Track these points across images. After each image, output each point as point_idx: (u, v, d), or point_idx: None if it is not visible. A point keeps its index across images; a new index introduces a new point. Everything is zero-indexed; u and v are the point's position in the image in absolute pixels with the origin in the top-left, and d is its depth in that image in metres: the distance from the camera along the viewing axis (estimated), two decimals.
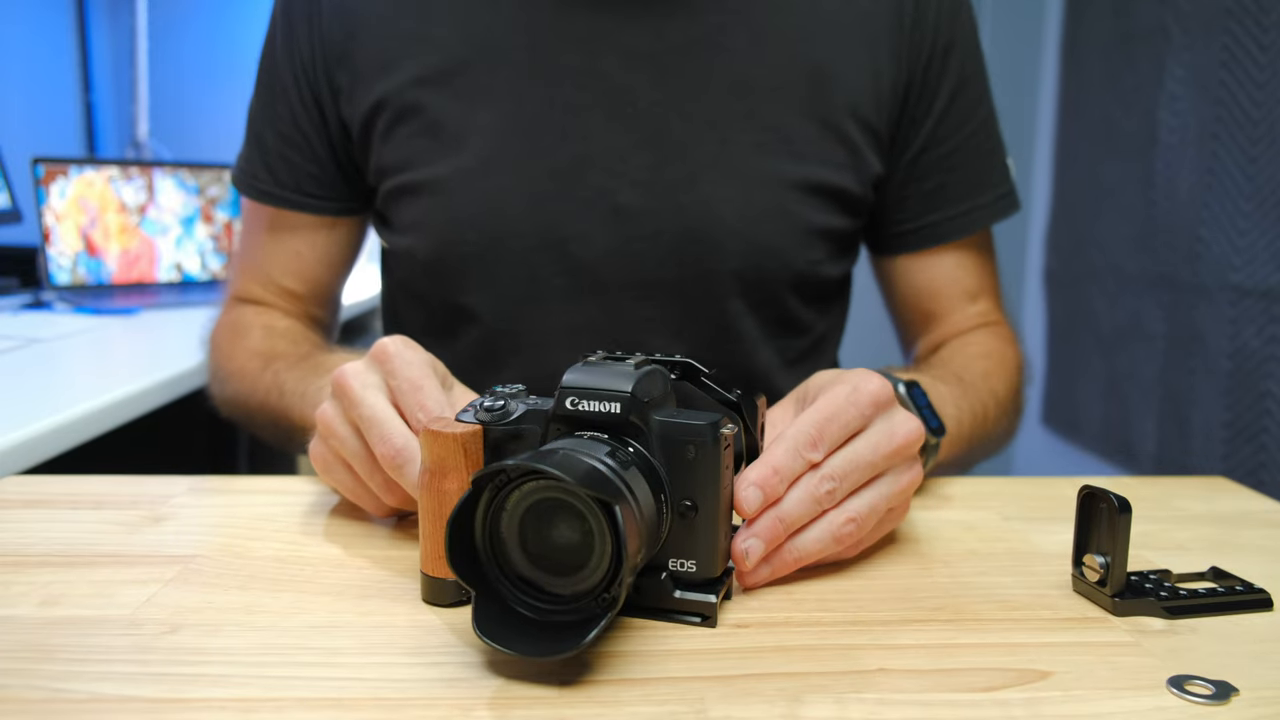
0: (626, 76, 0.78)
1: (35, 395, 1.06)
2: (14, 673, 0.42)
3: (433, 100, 0.79)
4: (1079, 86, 2.19)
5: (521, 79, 0.78)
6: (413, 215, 0.81)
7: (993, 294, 0.91)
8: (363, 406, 0.55)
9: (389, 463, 0.54)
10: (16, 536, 0.58)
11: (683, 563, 0.48)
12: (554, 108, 0.78)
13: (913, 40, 0.82)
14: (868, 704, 0.41)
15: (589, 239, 0.79)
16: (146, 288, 1.86)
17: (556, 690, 0.41)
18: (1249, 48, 1.57)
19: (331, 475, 0.60)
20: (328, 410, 0.58)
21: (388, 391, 0.56)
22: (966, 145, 0.86)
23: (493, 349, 0.82)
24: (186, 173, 1.94)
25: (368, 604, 0.49)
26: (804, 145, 0.79)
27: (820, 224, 0.81)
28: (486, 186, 0.78)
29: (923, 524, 0.63)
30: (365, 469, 0.57)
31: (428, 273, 0.82)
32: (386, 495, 0.57)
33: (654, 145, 0.78)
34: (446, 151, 0.79)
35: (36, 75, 2.22)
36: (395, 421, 0.54)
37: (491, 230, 0.78)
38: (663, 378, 0.50)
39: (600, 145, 0.78)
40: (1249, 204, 1.57)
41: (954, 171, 0.86)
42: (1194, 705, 0.41)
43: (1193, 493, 0.71)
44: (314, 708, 0.40)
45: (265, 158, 0.87)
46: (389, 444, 0.54)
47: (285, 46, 0.85)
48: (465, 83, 0.79)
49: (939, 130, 0.84)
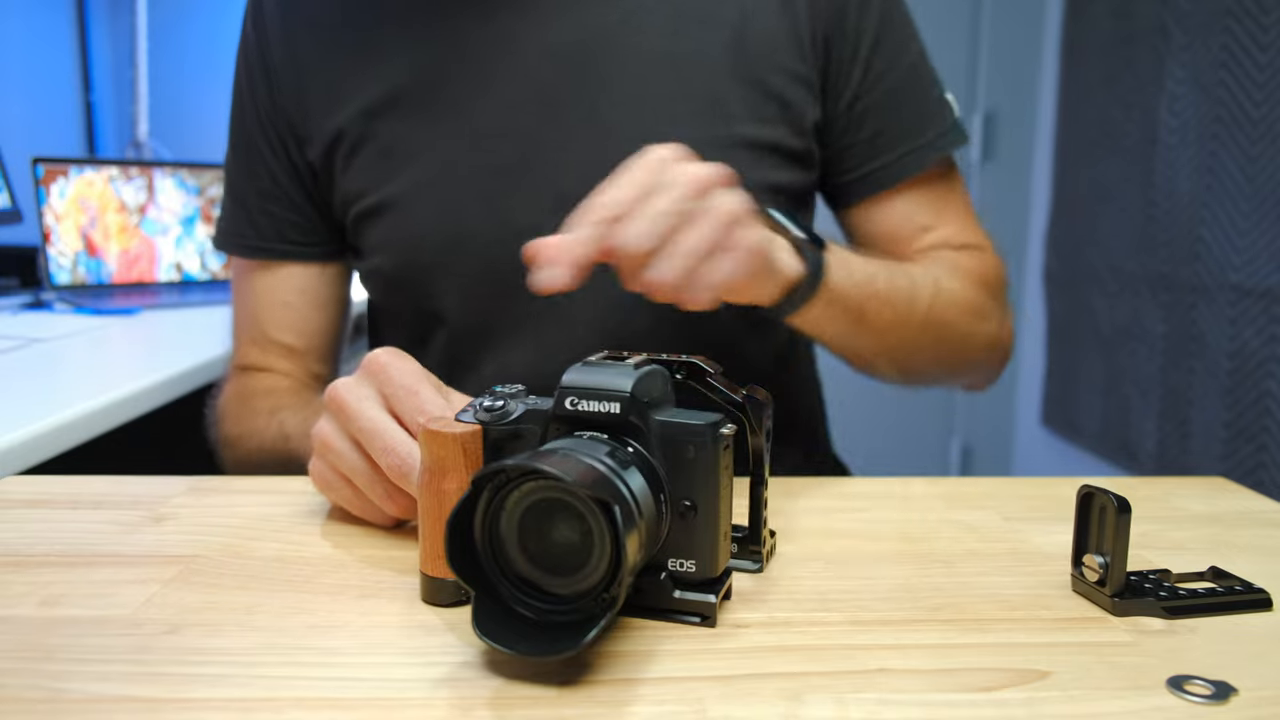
0: (554, 70, 0.81)
1: (35, 395, 1.06)
2: (14, 673, 0.42)
3: (382, 127, 0.83)
4: (1079, 86, 2.19)
5: (459, 92, 0.82)
6: (377, 236, 0.84)
7: (957, 223, 0.90)
8: (361, 419, 0.56)
9: (395, 472, 0.54)
10: (16, 536, 0.58)
11: (682, 563, 0.48)
12: (493, 112, 0.81)
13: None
14: (868, 704, 0.41)
15: (541, 229, 0.79)
16: (146, 288, 1.86)
17: (556, 690, 0.41)
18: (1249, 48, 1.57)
19: (332, 491, 0.60)
20: (324, 427, 0.58)
21: (383, 401, 0.57)
22: (899, 88, 0.86)
23: (465, 348, 0.85)
24: (186, 173, 1.94)
25: (367, 604, 0.49)
26: (734, 106, 0.81)
27: (762, 180, 0.81)
28: (440, 195, 0.82)
29: (923, 524, 0.63)
30: (365, 481, 0.57)
31: (395, 286, 0.86)
32: (389, 505, 0.57)
33: (587, 130, 0.80)
34: (400, 171, 0.82)
35: (36, 75, 2.22)
36: (396, 430, 0.55)
37: (449, 234, 0.81)
38: (663, 378, 0.50)
39: (539, 138, 0.80)
40: (1249, 204, 1.57)
41: (890, 115, 0.86)
42: (1193, 705, 0.41)
43: (1192, 493, 0.71)
44: (313, 708, 0.40)
45: (248, 215, 0.90)
46: (393, 453, 0.54)
47: (250, 104, 0.89)
48: (409, 105, 0.82)
49: (867, 77, 0.85)
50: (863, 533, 0.60)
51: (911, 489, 0.70)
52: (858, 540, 0.59)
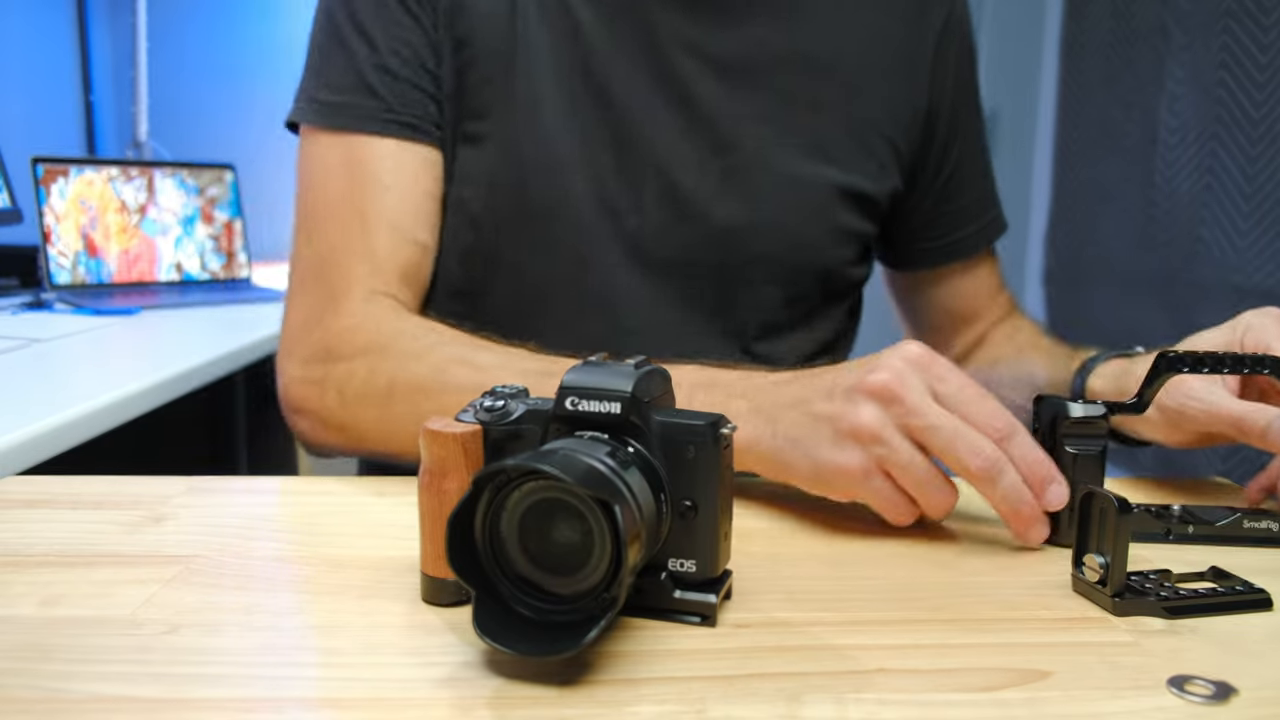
0: (687, 71, 0.83)
1: (35, 395, 1.06)
2: (14, 673, 0.42)
3: (510, 55, 0.80)
4: (1079, 86, 2.19)
5: (592, 57, 0.82)
6: (474, 165, 0.81)
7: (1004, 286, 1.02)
8: (929, 415, 0.55)
9: (983, 474, 0.54)
10: (16, 536, 0.58)
11: (683, 563, 0.48)
12: (618, 88, 0.82)
13: (935, 71, 0.90)
14: (867, 704, 0.41)
15: (641, 212, 0.83)
16: (146, 287, 1.86)
17: (556, 690, 0.41)
18: (1249, 48, 1.57)
19: (867, 484, 0.57)
20: (875, 416, 0.55)
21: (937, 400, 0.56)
22: (979, 160, 0.97)
23: (527, 309, 0.83)
24: (186, 173, 1.94)
25: (367, 604, 0.49)
26: (838, 153, 0.86)
27: (849, 225, 0.88)
28: (552, 150, 0.81)
29: (923, 524, 0.63)
30: (915, 480, 0.56)
31: (479, 224, 0.81)
32: (937, 506, 0.57)
33: (707, 136, 0.83)
34: (519, 112, 0.81)
35: (36, 75, 2.22)
36: (976, 433, 0.55)
37: (551, 191, 0.81)
38: (663, 377, 0.50)
39: (658, 129, 0.82)
40: (1249, 204, 1.57)
41: (975, 186, 0.97)
42: (1194, 705, 0.41)
43: (1193, 492, 0.71)
44: (313, 708, 0.40)
45: (383, 83, 0.77)
46: (983, 455, 0.54)
47: None
48: (540, 45, 0.81)
49: (965, 152, 0.94)
50: (863, 533, 0.60)
51: None
52: (857, 540, 0.59)
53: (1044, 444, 0.59)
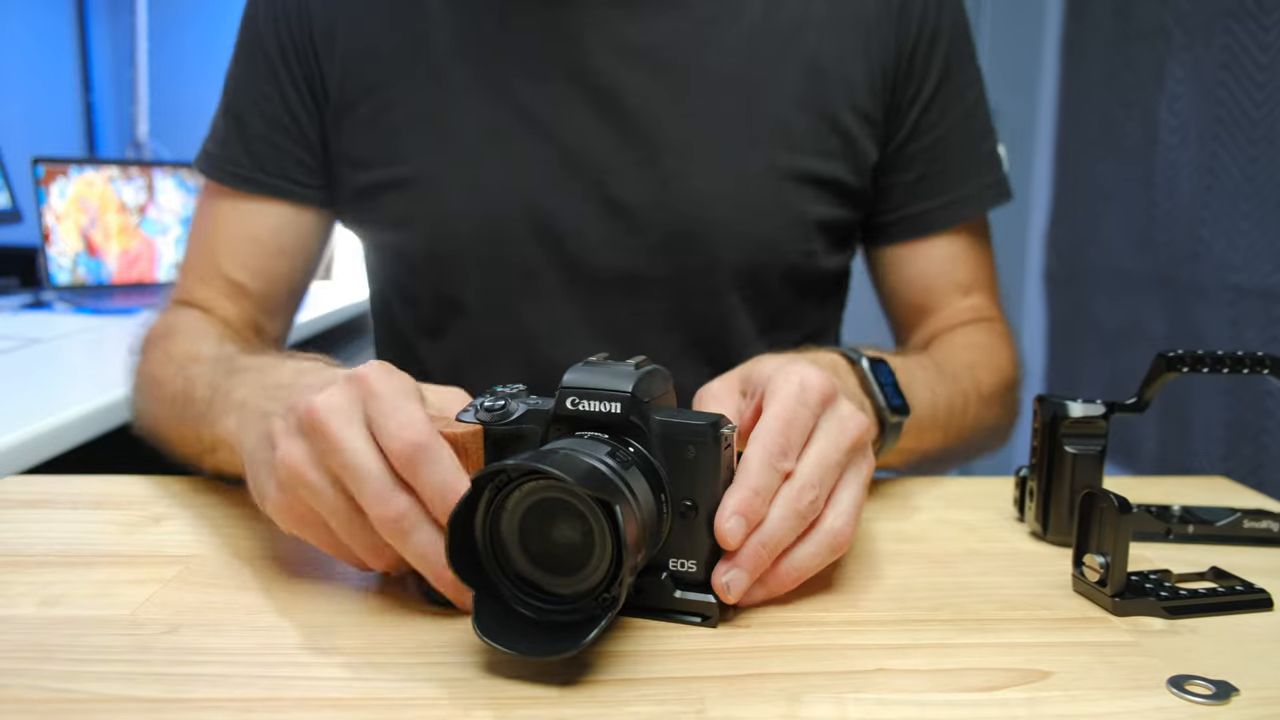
0: (617, 73, 0.78)
1: (35, 395, 1.06)
2: (14, 673, 0.42)
3: (421, 93, 0.78)
4: (1079, 86, 2.19)
5: (513, 74, 0.78)
6: (402, 210, 0.80)
7: (988, 289, 0.89)
8: (344, 452, 0.45)
9: (389, 527, 0.45)
10: (16, 536, 0.58)
11: (683, 563, 0.48)
12: (544, 104, 0.78)
13: (899, 26, 0.81)
14: (867, 704, 0.41)
15: (583, 233, 0.79)
16: (146, 288, 1.86)
17: (556, 690, 0.41)
18: (1249, 48, 1.57)
19: (307, 531, 0.49)
20: (294, 453, 0.46)
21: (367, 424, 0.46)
22: (953, 133, 0.85)
23: (484, 345, 0.82)
24: (186, 173, 1.94)
25: (368, 604, 0.49)
26: (799, 137, 0.79)
27: (816, 215, 0.81)
28: (480, 180, 0.78)
29: (923, 524, 0.63)
30: (348, 528, 0.47)
31: (420, 269, 0.82)
32: (375, 560, 0.48)
33: (646, 141, 0.78)
34: (436, 145, 0.78)
35: (36, 75, 2.22)
36: (389, 477, 0.45)
37: (486, 223, 0.78)
38: (663, 378, 0.50)
39: (591, 141, 0.78)
40: (1249, 204, 1.57)
41: (940, 160, 0.84)
42: (1194, 705, 0.41)
43: (1193, 493, 0.71)
44: (313, 708, 0.40)
45: (246, 142, 0.82)
46: (389, 506, 0.44)
47: (270, 22, 0.82)
48: (456, 77, 0.78)
49: (924, 118, 0.83)
50: (862, 533, 0.60)
51: (911, 488, 0.70)
52: (857, 540, 0.59)
53: (1043, 444, 0.59)
